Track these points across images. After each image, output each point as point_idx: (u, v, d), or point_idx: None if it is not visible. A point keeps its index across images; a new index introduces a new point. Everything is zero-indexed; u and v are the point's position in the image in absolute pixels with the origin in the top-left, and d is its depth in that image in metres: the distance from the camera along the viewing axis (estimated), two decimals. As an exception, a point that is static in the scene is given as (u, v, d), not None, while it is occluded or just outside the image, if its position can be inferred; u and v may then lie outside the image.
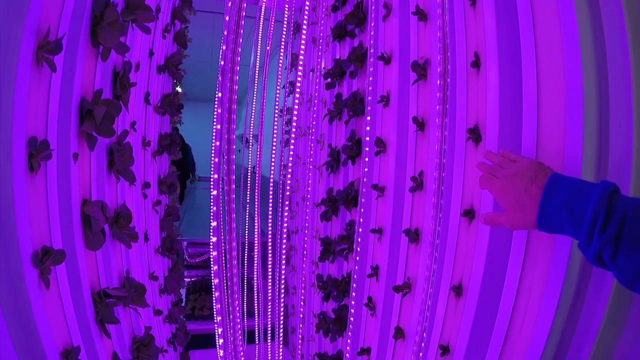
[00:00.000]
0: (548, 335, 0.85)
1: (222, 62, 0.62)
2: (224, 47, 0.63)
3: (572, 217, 0.60)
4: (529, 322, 0.91)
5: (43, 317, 0.70)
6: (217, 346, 0.90)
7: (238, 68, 0.75)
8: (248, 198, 2.36)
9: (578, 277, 0.81)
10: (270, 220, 1.67)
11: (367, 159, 1.11)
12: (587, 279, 0.81)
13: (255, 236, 2.12)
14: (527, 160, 0.77)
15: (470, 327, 1.06)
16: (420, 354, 0.72)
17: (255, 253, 2.10)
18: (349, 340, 0.99)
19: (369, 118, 1.06)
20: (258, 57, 2.00)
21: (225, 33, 0.63)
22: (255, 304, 2.23)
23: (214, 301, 1.03)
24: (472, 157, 1.15)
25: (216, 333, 0.84)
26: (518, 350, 0.92)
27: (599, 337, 0.80)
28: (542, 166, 0.72)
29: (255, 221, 2.09)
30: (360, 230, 1.06)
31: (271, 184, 1.77)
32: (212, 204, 0.82)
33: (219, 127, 0.65)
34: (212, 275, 0.80)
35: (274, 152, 1.70)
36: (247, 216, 2.35)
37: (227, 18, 0.63)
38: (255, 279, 2.16)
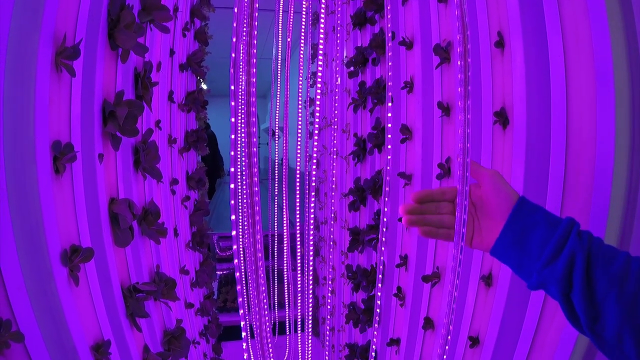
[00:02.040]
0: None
1: (233, 55, 0.62)
2: (234, 40, 0.63)
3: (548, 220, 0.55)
4: (562, 312, 0.87)
5: (73, 313, 0.73)
6: (242, 338, 0.91)
7: (255, 60, 0.75)
8: (276, 190, 2.38)
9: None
10: (298, 211, 1.68)
11: (389, 147, 1.09)
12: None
13: (285, 227, 2.14)
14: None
15: (500, 317, 1.03)
16: (447, 348, 0.70)
17: (285, 244, 2.12)
18: (375, 332, 0.99)
19: (390, 104, 1.04)
20: (279, 49, 2.00)
21: (235, 25, 0.63)
22: (286, 296, 2.26)
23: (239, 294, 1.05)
24: (499, 141, 1.11)
25: (241, 325, 0.85)
26: (550, 341, 0.89)
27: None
28: None
29: (284, 213, 2.11)
30: (385, 219, 1.04)
31: (298, 175, 1.77)
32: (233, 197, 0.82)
33: (233, 120, 0.65)
34: (235, 268, 0.81)
35: (299, 143, 1.70)
36: (275, 208, 2.37)
37: (235, 10, 0.63)
38: (285, 270, 2.19)
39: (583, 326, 0.52)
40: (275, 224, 2.43)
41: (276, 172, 2.42)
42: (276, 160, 2.41)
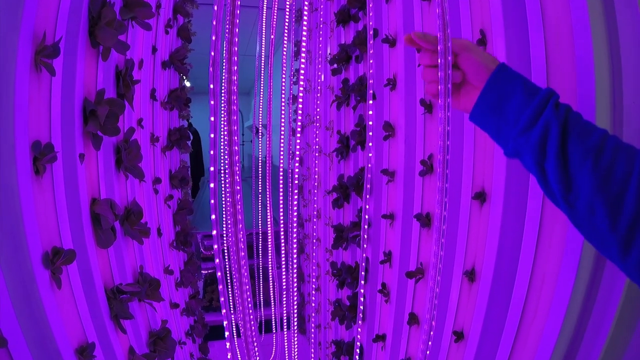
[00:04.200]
0: (563, 320, 0.84)
1: (213, 53, 0.62)
2: (214, 38, 0.62)
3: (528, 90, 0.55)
4: (543, 307, 0.89)
5: (56, 316, 0.71)
6: (227, 338, 0.91)
7: (236, 58, 0.74)
8: (260, 188, 2.37)
9: (593, 259, 0.79)
10: (281, 209, 1.68)
11: (370, 144, 1.10)
12: (602, 260, 0.79)
13: (269, 225, 2.13)
14: None
15: (484, 312, 1.05)
16: (430, 343, 0.72)
17: (269, 242, 2.12)
18: (359, 329, 1.00)
19: (371, 102, 1.04)
20: (263, 46, 1.98)
21: (215, 23, 0.62)
22: (271, 294, 2.25)
23: (226, 293, 1.05)
24: (481, 138, 1.13)
25: (224, 325, 0.84)
26: (532, 336, 0.91)
27: (615, 321, 0.78)
28: None
29: (268, 210, 2.10)
30: (367, 217, 1.05)
31: (281, 173, 1.77)
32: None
33: (212, 119, 0.65)
34: (216, 268, 0.80)
35: (282, 141, 1.70)
36: (259, 206, 2.36)
37: (215, 8, 0.62)
38: (270, 268, 2.19)
39: (556, 195, 0.52)
40: (260, 221, 2.42)
41: (260, 169, 2.42)
42: (260, 158, 2.40)
